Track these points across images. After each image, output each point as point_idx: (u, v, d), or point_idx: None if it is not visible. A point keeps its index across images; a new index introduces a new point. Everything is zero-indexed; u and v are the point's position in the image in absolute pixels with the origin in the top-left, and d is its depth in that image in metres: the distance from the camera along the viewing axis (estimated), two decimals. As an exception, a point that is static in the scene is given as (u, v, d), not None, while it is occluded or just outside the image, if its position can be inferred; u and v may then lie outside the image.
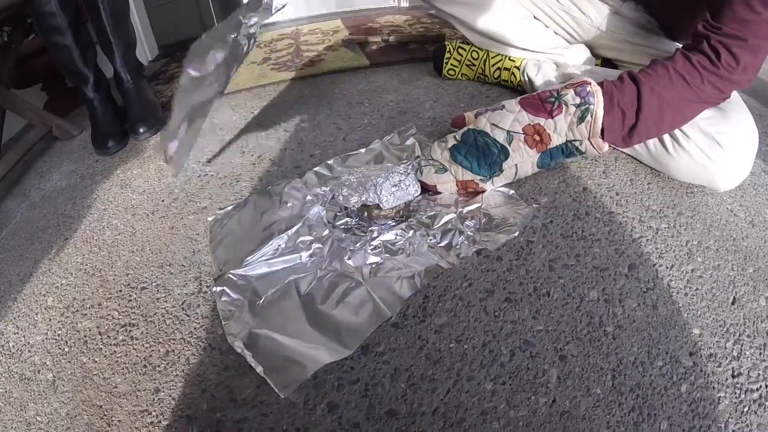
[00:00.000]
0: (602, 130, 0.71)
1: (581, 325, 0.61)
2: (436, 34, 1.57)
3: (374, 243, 0.72)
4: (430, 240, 0.72)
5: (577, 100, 0.71)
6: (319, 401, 0.56)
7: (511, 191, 0.79)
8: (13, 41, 1.24)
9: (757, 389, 0.55)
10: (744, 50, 0.66)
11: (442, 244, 0.72)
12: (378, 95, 1.18)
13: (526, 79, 1.02)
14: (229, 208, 0.86)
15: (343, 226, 0.76)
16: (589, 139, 0.72)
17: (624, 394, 0.54)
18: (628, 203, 0.77)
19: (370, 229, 0.74)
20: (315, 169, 0.89)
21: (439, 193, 0.80)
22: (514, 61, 1.05)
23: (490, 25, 1.03)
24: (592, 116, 0.70)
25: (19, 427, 0.62)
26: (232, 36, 0.82)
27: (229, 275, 0.71)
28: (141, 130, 1.18)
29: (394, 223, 0.75)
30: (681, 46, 0.74)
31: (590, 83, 0.71)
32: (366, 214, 0.75)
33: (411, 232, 0.73)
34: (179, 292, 0.73)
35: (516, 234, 0.72)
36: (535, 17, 1.04)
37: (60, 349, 0.70)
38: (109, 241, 0.87)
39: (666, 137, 0.76)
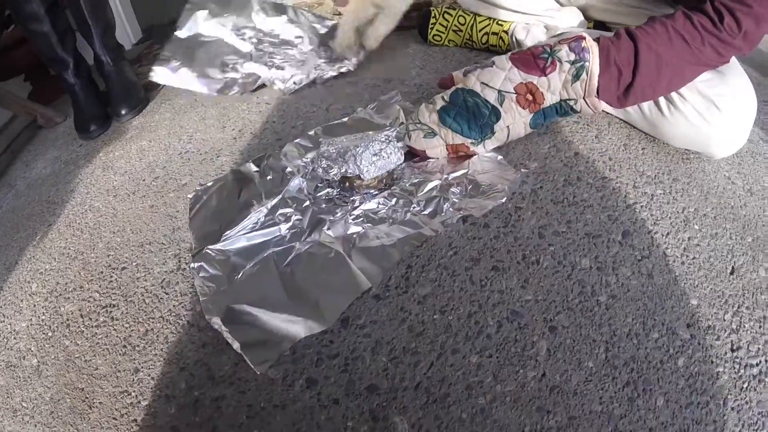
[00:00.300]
0: (598, 88, 0.68)
1: (572, 294, 0.59)
2: (423, 1, 1.53)
3: (355, 212, 0.70)
4: (414, 207, 0.70)
5: (572, 57, 0.67)
6: (298, 377, 0.55)
7: (500, 156, 0.76)
8: (-8, 34, 1.23)
9: (757, 364, 0.53)
10: (747, 17, 0.63)
11: (426, 212, 0.69)
12: (362, 63, 1.15)
13: (515, 42, 0.99)
14: (210, 183, 0.84)
15: (324, 197, 0.74)
16: (584, 98, 0.69)
17: (618, 367, 0.53)
18: (622, 169, 0.74)
19: (351, 198, 0.72)
20: (296, 140, 0.86)
21: (429, 158, 0.77)
22: (502, 25, 1.02)
23: None
24: (587, 74, 0.67)
25: (6, 414, 0.63)
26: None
27: (207, 250, 0.70)
28: (123, 112, 1.17)
29: (376, 192, 0.72)
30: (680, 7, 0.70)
31: (585, 38, 0.67)
32: (347, 184, 0.73)
33: (394, 200, 0.71)
34: (159, 271, 0.72)
35: (504, 200, 0.69)
36: None
37: (44, 334, 0.70)
38: (91, 223, 0.86)
39: (662, 99, 0.74)
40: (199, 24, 1.28)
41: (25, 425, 0.60)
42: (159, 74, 1.21)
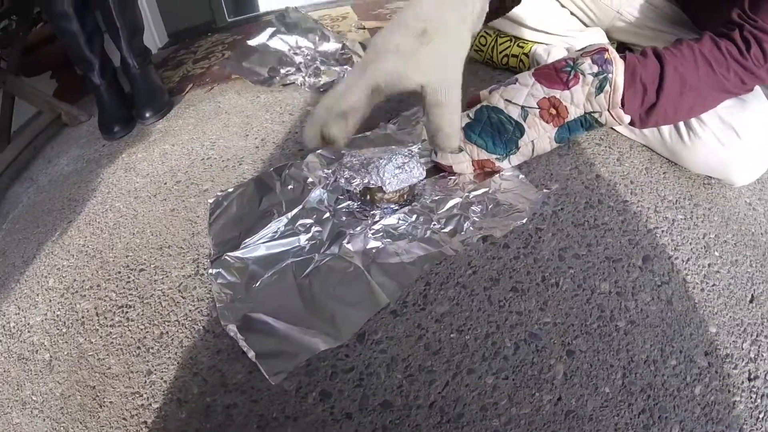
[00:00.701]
0: (623, 100, 0.67)
1: (591, 318, 0.58)
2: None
3: (375, 227, 0.70)
4: (434, 225, 0.69)
5: (595, 69, 0.66)
6: (312, 389, 0.55)
7: (521, 175, 0.76)
8: (20, 29, 1.26)
9: (774, 394, 0.52)
10: None
11: (446, 230, 0.69)
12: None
13: (536, 65, 0.98)
14: (230, 190, 0.85)
15: (344, 210, 0.74)
16: (608, 110, 0.68)
17: (634, 394, 0.51)
18: (643, 192, 0.73)
19: (371, 212, 0.72)
20: (318, 151, 0.87)
21: (455, 174, 0.77)
22: (522, 47, 1.02)
23: None
24: (611, 86, 0.66)
25: (15, 406, 0.63)
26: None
27: (226, 257, 0.70)
28: (147, 115, 1.19)
29: (397, 207, 0.72)
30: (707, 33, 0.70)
31: (607, 50, 0.67)
32: (368, 197, 0.72)
33: (414, 216, 0.71)
34: (177, 274, 0.72)
35: (524, 221, 0.69)
36: None
37: (58, 329, 0.70)
38: (111, 223, 0.87)
39: (681, 125, 0.73)
40: (265, 37, 1.38)
41: (34, 419, 0.60)
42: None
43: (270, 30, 1.39)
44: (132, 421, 0.56)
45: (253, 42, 1.38)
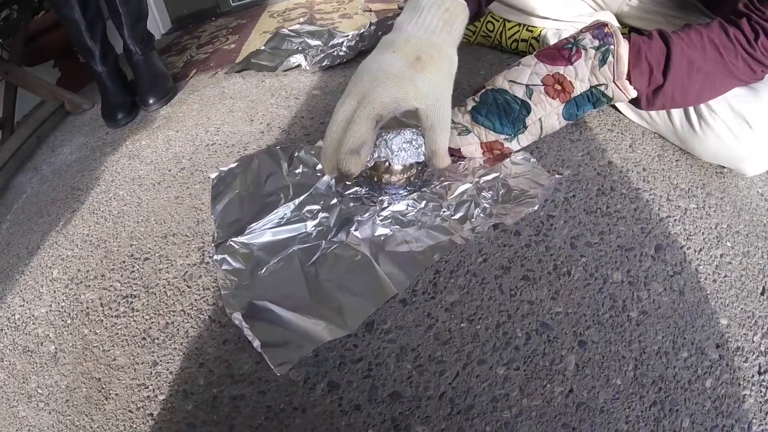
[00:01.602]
0: (629, 77, 0.66)
1: (603, 308, 0.57)
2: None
3: (384, 213, 0.69)
4: (444, 212, 0.68)
5: (596, 43, 0.66)
6: (320, 380, 0.54)
7: (533, 159, 0.75)
8: (21, 18, 1.25)
9: (783, 388, 0.51)
10: None
11: (456, 217, 0.68)
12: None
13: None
14: (233, 165, 0.83)
15: (352, 196, 0.73)
16: (614, 81, 0.67)
17: (646, 386, 0.51)
18: (656, 180, 0.72)
19: (380, 198, 0.71)
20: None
21: (464, 158, 0.76)
22: (531, 31, 1.00)
23: None
24: (613, 56, 0.65)
25: (21, 399, 0.63)
26: None
27: (231, 242, 0.69)
28: (150, 101, 1.18)
29: (405, 193, 0.71)
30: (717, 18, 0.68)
31: (606, 24, 0.66)
32: (375, 179, 0.71)
33: (423, 202, 0.69)
34: (181, 263, 0.71)
35: (536, 207, 0.68)
36: None
37: (63, 321, 0.70)
38: (115, 212, 0.86)
39: (692, 113, 0.72)
40: (275, 41, 1.40)
41: (40, 411, 0.60)
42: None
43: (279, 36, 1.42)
44: (138, 413, 0.56)
45: (263, 46, 1.39)
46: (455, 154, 0.75)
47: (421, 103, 0.59)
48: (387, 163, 0.69)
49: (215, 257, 0.68)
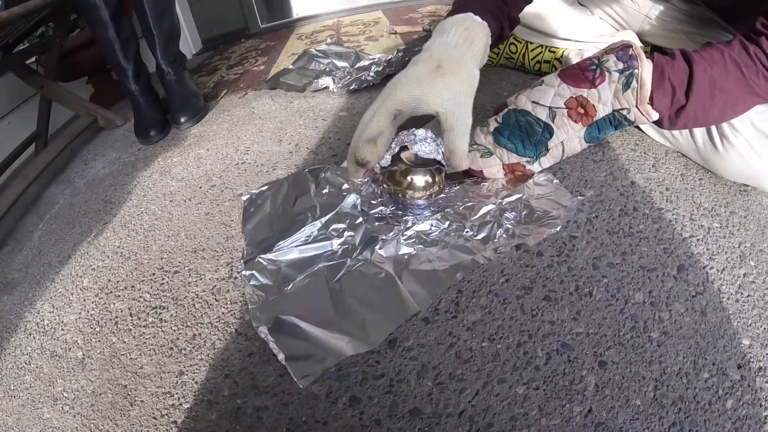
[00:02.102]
0: (651, 98, 0.66)
1: (624, 329, 0.57)
2: (478, 23, 1.54)
3: (408, 233, 0.70)
4: (467, 232, 0.69)
5: (620, 66, 0.66)
6: (342, 394, 0.54)
7: (555, 180, 0.75)
8: (57, 36, 1.30)
9: (804, 410, 0.50)
10: None
11: (478, 237, 0.68)
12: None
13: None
14: (264, 188, 0.86)
15: (377, 215, 0.74)
16: (636, 106, 0.67)
17: (665, 407, 0.50)
18: (679, 199, 0.72)
19: (404, 218, 0.72)
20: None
21: (486, 180, 0.76)
22: (554, 52, 1.01)
23: (534, 18, 0.99)
24: (637, 81, 0.65)
25: (47, 401, 0.64)
26: None
27: (260, 259, 0.70)
28: (182, 120, 1.21)
29: (429, 213, 0.72)
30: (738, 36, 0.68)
31: (631, 46, 0.66)
32: (400, 195, 0.72)
33: (447, 222, 0.70)
34: (210, 277, 0.73)
35: (558, 228, 0.68)
36: (579, 2, 0.99)
37: (91, 328, 0.72)
38: (146, 225, 0.89)
39: (714, 132, 0.72)
40: (303, 62, 1.44)
41: (64, 414, 0.62)
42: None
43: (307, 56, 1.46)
44: (162, 420, 0.57)
45: (291, 65, 1.43)
46: (478, 175, 0.76)
47: (440, 107, 0.63)
48: (410, 179, 0.71)
49: (244, 273, 0.70)
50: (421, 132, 0.71)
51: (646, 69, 0.65)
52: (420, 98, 0.62)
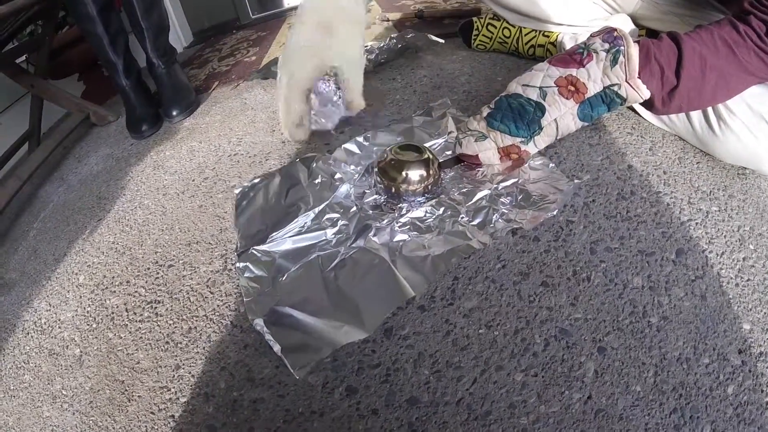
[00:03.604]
0: (640, 78, 0.67)
1: (623, 314, 0.56)
2: (471, 8, 1.53)
3: (402, 220, 0.69)
4: (462, 218, 0.68)
5: (606, 46, 0.67)
6: (338, 384, 0.54)
7: (551, 164, 0.75)
8: (45, 34, 1.29)
9: (806, 394, 0.49)
10: None
11: (474, 223, 0.68)
12: (411, 70, 1.15)
13: (563, 52, 0.97)
14: (256, 180, 0.85)
15: (371, 203, 0.74)
16: (627, 81, 0.67)
17: (666, 393, 0.50)
18: (677, 183, 0.71)
19: (399, 205, 0.72)
20: (344, 146, 0.86)
21: (481, 165, 0.76)
22: (548, 36, 1.00)
23: (526, 3, 0.98)
24: (624, 56, 0.66)
25: (45, 400, 0.64)
26: None
27: (253, 251, 0.70)
28: (174, 113, 1.20)
29: (423, 199, 0.71)
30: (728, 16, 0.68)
31: (615, 29, 0.68)
32: (393, 190, 0.72)
33: (441, 209, 0.70)
34: (205, 270, 0.73)
35: (555, 212, 0.67)
36: None
37: (88, 325, 0.71)
38: (140, 220, 0.88)
39: (711, 114, 0.71)
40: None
41: (64, 412, 0.62)
42: None
43: None
44: (160, 414, 0.57)
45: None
46: (473, 161, 0.76)
47: (337, 62, 0.73)
48: (405, 174, 0.71)
49: (238, 265, 0.69)
50: (325, 111, 0.79)
51: (632, 46, 0.66)
52: (320, 65, 0.72)
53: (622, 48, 0.66)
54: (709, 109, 0.72)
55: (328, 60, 0.72)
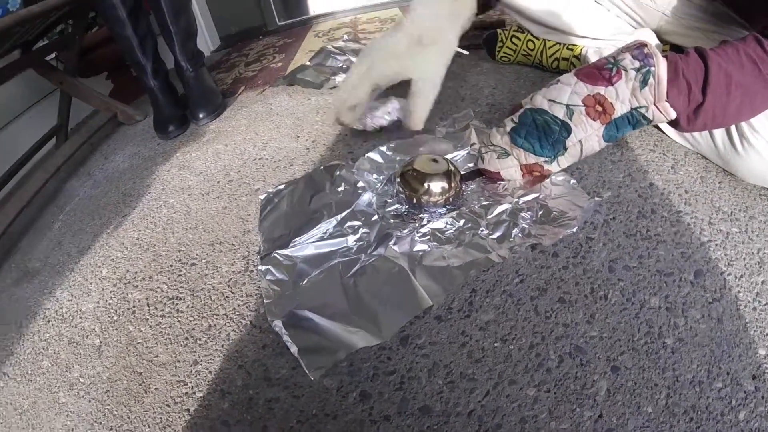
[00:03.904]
0: (667, 96, 0.66)
1: (639, 334, 0.56)
2: (495, 20, 1.53)
3: (423, 230, 0.70)
4: (482, 231, 0.69)
5: (636, 64, 0.65)
6: (352, 389, 0.55)
7: (573, 180, 0.75)
8: (75, 33, 1.32)
9: (819, 425, 0.49)
10: None
11: (494, 236, 0.68)
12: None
13: (587, 67, 0.97)
14: (281, 186, 0.87)
15: (392, 213, 0.74)
16: (655, 104, 0.66)
17: (677, 416, 0.49)
18: (698, 203, 0.71)
19: (419, 216, 0.72)
20: (368, 155, 0.87)
21: (503, 180, 0.76)
22: (572, 50, 1.00)
23: (550, 16, 0.98)
24: (654, 78, 0.64)
25: (62, 386, 0.66)
26: None
27: (276, 255, 0.71)
28: (201, 116, 1.23)
29: (444, 211, 0.72)
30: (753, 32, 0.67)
31: (646, 44, 0.66)
32: (414, 201, 0.73)
33: (462, 221, 0.70)
34: (227, 270, 0.74)
35: (575, 229, 0.67)
36: (596, 1, 0.98)
37: (109, 317, 0.73)
38: (164, 218, 0.90)
39: (734, 133, 0.71)
40: (320, 59, 1.46)
41: (80, 399, 0.63)
42: None
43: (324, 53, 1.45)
44: (175, 407, 0.58)
45: (308, 62, 1.43)
46: (495, 177, 0.76)
47: (415, 74, 0.75)
48: (426, 185, 0.71)
49: (260, 267, 0.70)
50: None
51: (661, 66, 0.64)
52: (399, 72, 0.75)
53: (653, 69, 0.64)
54: (732, 128, 0.71)
55: (410, 70, 0.74)
